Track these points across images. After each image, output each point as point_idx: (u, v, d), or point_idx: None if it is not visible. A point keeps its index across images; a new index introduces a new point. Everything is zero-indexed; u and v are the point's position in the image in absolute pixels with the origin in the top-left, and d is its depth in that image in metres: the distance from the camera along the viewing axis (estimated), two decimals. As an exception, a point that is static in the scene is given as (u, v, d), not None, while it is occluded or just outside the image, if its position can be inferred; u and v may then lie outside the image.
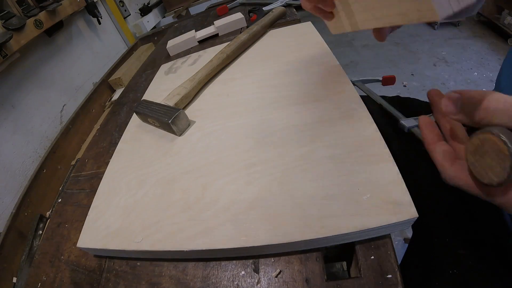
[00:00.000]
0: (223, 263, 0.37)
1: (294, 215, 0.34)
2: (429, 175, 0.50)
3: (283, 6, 0.99)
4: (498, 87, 0.51)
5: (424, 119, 0.34)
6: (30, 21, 0.98)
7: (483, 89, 0.25)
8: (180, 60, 0.90)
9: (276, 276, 0.34)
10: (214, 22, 1.02)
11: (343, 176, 0.36)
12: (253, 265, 0.36)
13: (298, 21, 0.89)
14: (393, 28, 0.35)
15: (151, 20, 1.92)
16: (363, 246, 0.33)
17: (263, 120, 0.50)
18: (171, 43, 1.03)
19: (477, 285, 0.40)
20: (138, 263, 0.42)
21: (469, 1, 0.23)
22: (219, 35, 1.00)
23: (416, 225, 0.50)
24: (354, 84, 0.56)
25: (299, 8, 0.78)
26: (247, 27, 0.88)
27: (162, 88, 0.77)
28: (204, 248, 0.36)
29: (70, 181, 0.66)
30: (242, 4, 1.27)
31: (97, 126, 1.10)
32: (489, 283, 0.40)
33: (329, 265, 0.37)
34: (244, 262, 0.37)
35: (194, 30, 1.06)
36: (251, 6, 1.17)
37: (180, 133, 0.55)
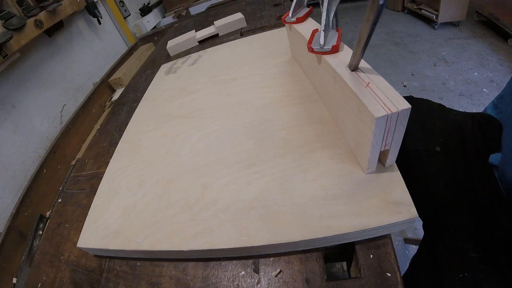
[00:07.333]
0: (223, 263, 0.37)
1: (294, 215, 0.34)
2: (442, 176, 0.49)
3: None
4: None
5: None
6: (30, 21, 0.98)
7: (483, 89, 0.25)
8: (180, 60, 0.90)
9: (276, 276, 0.34)
10: (214, 22, 1.02)
11: (343, 176, 0.36)
12: (253, 265, 0.36)
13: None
14: None
15: (151, 20, 1.92)
16: (363, 246, 0.33)
17: (263, 120, 0.50)
18: (171, 43, 1.03)
19: None
20: (138, 263, 0.42)
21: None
22: (219, 35, 1.00)
23: (428, 227, 0.50)
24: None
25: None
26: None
27: (162, 88, 0.77)
28: (204, 248, 0.36)
29: (70, 181, 0.66)
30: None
31: (97, 126, 1.10)
32: (499, 287, 0.40)
33: (329, 265, 0.37)
34: (244, 262, 0.37)
35: (194, 30, 1.06)
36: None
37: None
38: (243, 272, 0.36)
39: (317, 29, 0.43)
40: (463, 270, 0.42)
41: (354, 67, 0.33)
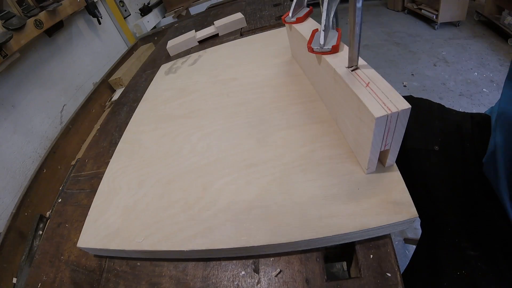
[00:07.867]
0: (223, 263, 0.37)
1: (294, 215, 0.34)
2: (440, 175, 0.49)
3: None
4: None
5: None
6: (30, 21, 0.98)
7: (483, 89, 0.25)
8: (180, 60, 0.90)
9: (276, 276, 0.34)
10: (214, 22, 1.02)
11: (343, 176, 0.36)
12: (253, 265, 0.36)
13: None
14: None
15: (151, 20, 1.91)
16: (363, 246, 0.33)
17: (263, 120, 0.50)
18: (171, 43, 1.03)
19: (485, 287, 0.40)
20: (138, 263, 0.42)
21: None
22: (219, 35, 1.00)
23: (426, 225, 0.50)
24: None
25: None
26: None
27: (162, 88, 0.77)
28: (204, 248, 0.36)
29: (70, 181, 0.66)
30: None
31: (97, 126, 1.10)
32: (497, 285, 0.40)
33: (329, 265, 0.37)
34: (244, 262, 0.37)
35: (194, 30, 1.06)
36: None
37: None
38: (243, 272, 0.36)
39: (317, 29, 0.43)
40: (461, 268, 0.42)
41: (352, 63, 0.33)
